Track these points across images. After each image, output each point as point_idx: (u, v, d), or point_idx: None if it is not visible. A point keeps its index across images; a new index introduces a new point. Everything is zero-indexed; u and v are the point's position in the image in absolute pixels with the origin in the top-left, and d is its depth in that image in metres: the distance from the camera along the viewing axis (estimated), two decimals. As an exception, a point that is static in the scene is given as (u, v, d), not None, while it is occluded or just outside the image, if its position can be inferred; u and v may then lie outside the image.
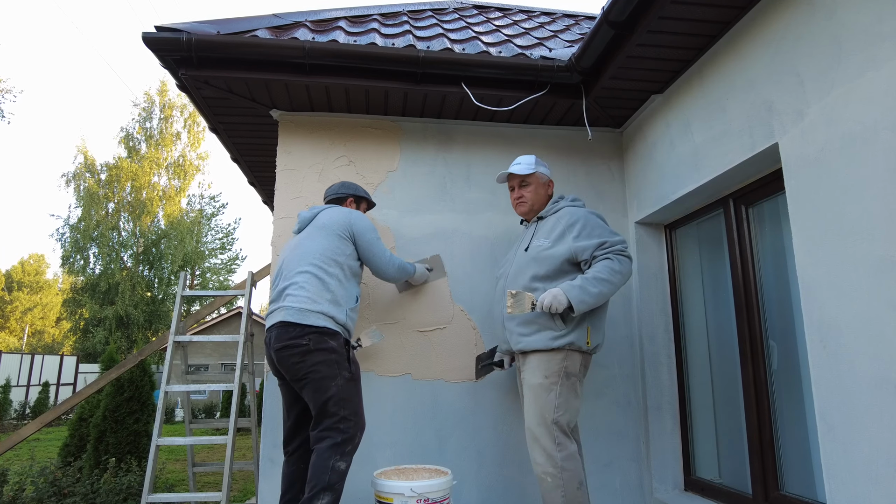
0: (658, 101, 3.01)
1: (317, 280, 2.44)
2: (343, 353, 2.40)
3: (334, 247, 2.52)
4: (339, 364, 2.36)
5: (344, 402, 2.33)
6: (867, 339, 1.70)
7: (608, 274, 2.32)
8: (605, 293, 2.33)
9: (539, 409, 2.33)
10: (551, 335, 2.37)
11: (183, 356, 3.70)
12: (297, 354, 2.34)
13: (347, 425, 2.32)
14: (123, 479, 4.23)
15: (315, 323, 2.35)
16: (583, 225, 2.47)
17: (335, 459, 2.24)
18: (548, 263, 2.46)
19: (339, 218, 2.61)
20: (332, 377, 2.33)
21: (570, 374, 2.36)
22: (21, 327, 37.72)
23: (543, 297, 2.32)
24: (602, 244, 2.40)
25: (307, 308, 2.37)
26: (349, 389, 2.37)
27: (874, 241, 1.68)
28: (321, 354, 2.33)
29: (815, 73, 1.94)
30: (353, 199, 2.88)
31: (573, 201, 2.68)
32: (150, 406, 5.56)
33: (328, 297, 2.42)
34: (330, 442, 2.27)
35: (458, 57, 2.90)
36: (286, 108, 3.24)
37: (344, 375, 2.36)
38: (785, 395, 2.39)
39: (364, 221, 2.65)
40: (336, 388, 2.32)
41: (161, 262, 22.57)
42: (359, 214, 2.69)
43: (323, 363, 2.33)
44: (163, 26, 2.74)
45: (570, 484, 2.24)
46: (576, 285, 2.31)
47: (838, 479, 1.80)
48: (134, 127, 23.20)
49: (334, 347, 2.37)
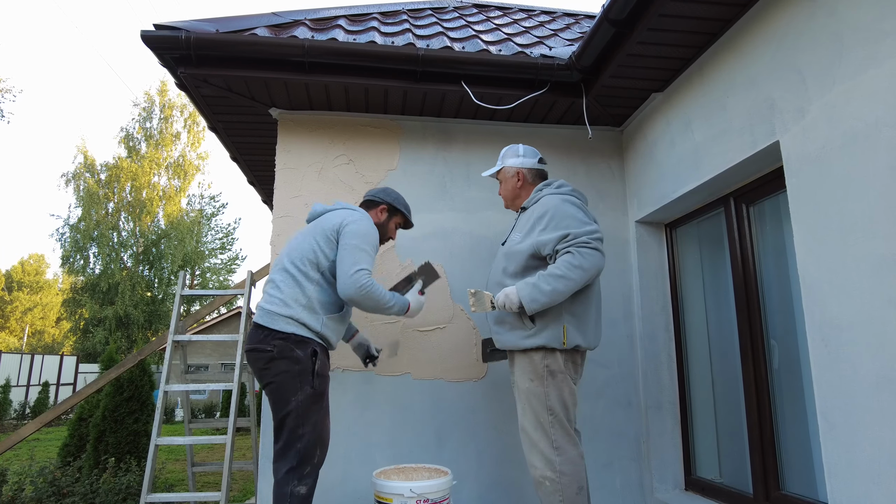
0: (658, 100, 3.00)
1: (293, 282, 2.28)
2: (308, 365, 2.21)
3: (319, 249, 2.32)
4: (303, 377, 2.19)
5: (302, 418, 2.17)
6: (868, 337, 1.69)
7: (565, 269, 2.14)
8: (562, 290, 2.14)
9: (533, 413, 2.25)
10: (521, 334, 2.27)
11: (182, 356, 3.69)
12: (262, 360, 2.22)
13: (304, 444, 2.16)
14: (123, 479, 4.22)
15: (283, 329, 2.20)
16: (551, 216, 2.29)
17: (293, 485, 2.11)
18: (515, 259, 2.35)
19: (337, 219, 2.39)
20: (294, 390, 2.18)
21: (554, 373, 2.24)
22: (21, 327, 37.71)
23: (498, 296, 2.25)
24: (564, 237, 2.20)
25: (277, 312, 2.23)
26: (309, 406, 2.20)
27: (875, 240, 1.67)
28: (285, 364, 2.19)
29: (817, 70, 1.93)
30: (386, 208, 2.61)
31: (558, 188, 2.47)
32: (149, 406, 5.55)
33: (303, 301, 2.26)
34: (286, 466, 2.14)
35: (457, 55, 2.90)
36: (285, 106, 3.24)
37: (306, 390, 2.19)
38: (786, 394, 2.38)
39: (360, 225, 2.35)
40: (295, 403, 2.17)
41: (161, 262, 22.57)
42: (362, 218, 2.40)
43: (286, 374, 2.19)
44: (162, 24, 2.73)
45: (569, 489, 2.16)
46: (530, 283, 2.18)
47: (839, 479, 1.80)
48: (134, 127, 23.20)
49: (300, 357, 2.20)
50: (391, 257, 3.15)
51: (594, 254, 2.18)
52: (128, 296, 21.25)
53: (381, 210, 2.59)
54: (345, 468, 2.86)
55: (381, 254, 3.14)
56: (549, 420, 2.22)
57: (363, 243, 2.30)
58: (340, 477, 2.85)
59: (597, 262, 2.19)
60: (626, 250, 3.32)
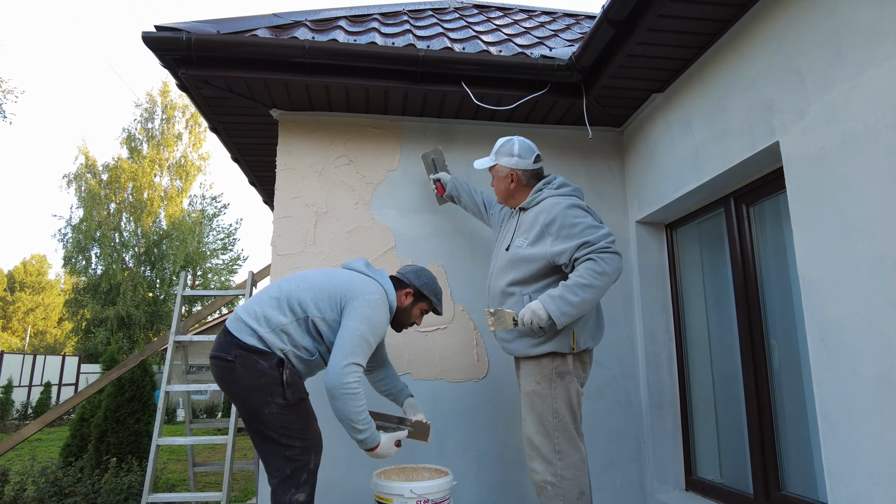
0: (659, 100, 3.00)
1: (276, 306, 2.14)
2: (275, 377, 2.06)
3: (320, 298, 2.17)
4: (271, 390, 2.04)
5: (283, 430, 2.05)
6: (868, 337, 1.70)
7: (591, 278, 2.09)
8: (590, 300, 2.10)
9: (537, 417, 2.23)
10: (530, 342, 2.25)
11: (184, 356, 3.70)
12: (224, 369, 2.08)
13: (293, 453, 2.06)
14: (124, 479, 4.23)
15: (244, 340, 2.06)
16: (560, 224, 2.22)
17: (291, 494, 2.03)
18: (524, 267, 2.28)
19: (356, 287, 2.19)
20: (264, 405, 2.04)
21: (563, 374, 2.22)
22: (23, 328, 37.80)
23: (523, 314, 2.15)
24: (583, 244, 2.14)
25: (245, 321, 2.10)
26: (286, 417, 2.06)
27: (875, 240, 1.68)
28: (249, 378, 2.04)
29: (816, 71, 1.93)
30: (412, 293, 2.40)
31: (559, 188, 2.40)
32: (151, 406, 5.56)
33: (274, 324, 2.11)
34: (279, 477, 2.05)
35: (458, 56, 2.90)
36: (286, 107, 3.24)
37: (277, 402, 2.04)
38: (786, 394, 2.38)
39: (375, 314, 2.15)
40: (271, 417, 2.04)
41: (163, 263, 22.60)
42: (380, 307, 2.19)
43: (252, 389, 2.04)
44: (163, 26, 2.74)
45: (569, 493, 2.14)
46: (555, 296, 2.11)
47: (839, 479, 1.80)
48: (135, 127, 23.24)
49: (264, 370, 2.04)
50: (391, 257, 3.15)
51: (615, 258, 2.14)
52: (129, 296, 21.27)
53: (406, 293, 2.39)
54: (345, 468, 2.87)
55: (380, 254, 3.15)
56: (553, 423, 2.21)
57: (368, 333, 2.12)
58: (341, 477, 2.85)
59: (618, 265, 2.15)
60: (627, 251, 3.32)
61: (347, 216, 3.17)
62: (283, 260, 3.08)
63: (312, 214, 3.16)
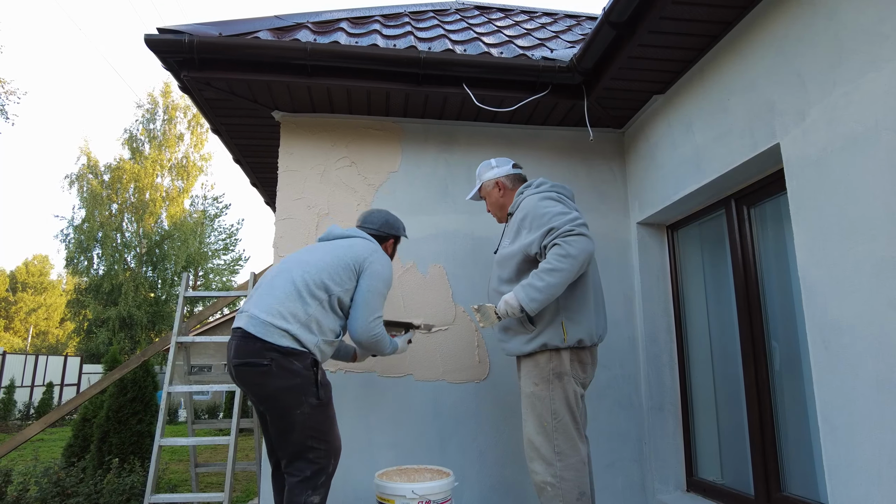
0: (660, 102, 3.01)
1: (297, 297, 2.17)
2: (310, 377, 2.12)
3: (337, 276, 2.25)
4: (305, 390, 2.10)
5: (311, 431, 2.11)
6: (869, 339, 1.70)
7: (555, 262, 2.11)
8: (556, 283, 2.11)
9: (537, 418, 2.25)
10: (524, 339, 2.29)
11: (185, 357, 3.71)
12: (257, 374, 2.09)
13: (317, 455, 2.12)
14: (126, 480, 4.25)
15: (278, 342, 2.08)
16: (532, 216, 2.28)
17: (307, 495, 2.08)
18: (507, 265, 2.35)
19: (362, 252, 2.35)
20: (297, 405, 2.09)
21: (561, 375, 2.23)
22: (25, 328, 37.87)
23: (499, 305, 2.22)
24: (548, 232, 2.17)
25: (272, 323, 2.10)
26: (316, 417, 2.13)
27: (875, 242, 1.68)
28: (283, 379, 2.07)
29: (817, 73, 1.93)
30: (393, 242, 2.65)
31: (538, 187, 2.46)
32: (153, 406, 5.57)
33: (302, 318, 2.15)
34: (299, 477, 2.10)
35: (459, 58, 2.91)
36: (288, 109, 3.25)
37: (310, 402, 2.11)
38: (787, 395, 2.38)
39: (383, 268, 2.36)
40: (302, 418, 2.09)
41: (164, 263, 22.65)
42: (384, 259, 2.40)
43: (286, 390, 2.08)
44: (165, 28, 2.75)
45: (569, 494, 2.14)
46: (525, 283, 2.16)
47: (840, 480, 1.80)
48: (137, 128, 23.30)
49: (299, 370, 2.10)
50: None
51: (580, 239, 2.14)
52: (131, 297, 21.32)
53: (389, 245, 2.63)
54: (347, 469, 2.87)
55: (383, 256, 3.16)
56: (552, 424, 2.21)
57: (384, 288, 2.36)
58: (343, 478, 2.85)
59: (585, 247, 2.14)
60: (628, 252, 3.32)
61: (349, 217, 3.18)
62: (285, 261, 3.09)
63: (314, 216, 3.17)
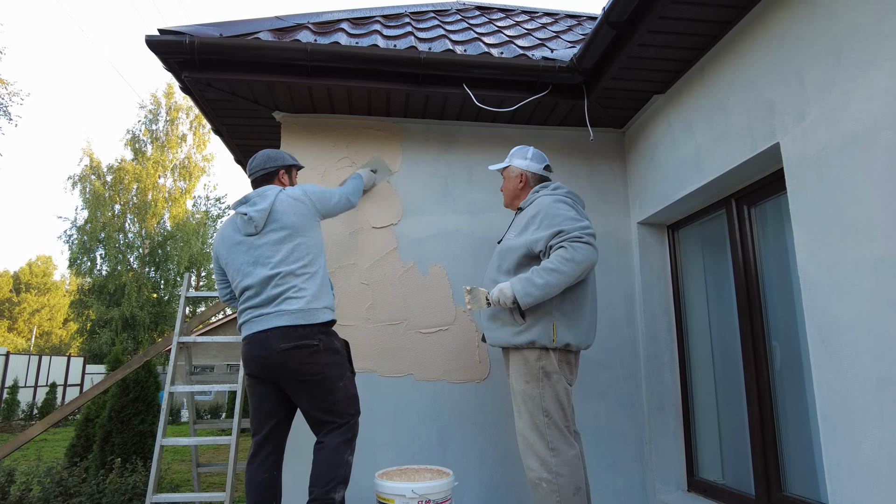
0: (660, 101, 3.01)
1: (311, 279, 2.36)
2: (345, 354, 2.42)
3: (311, 240, 2.42)
4: (344, 364, 2.38)
5: (350, 400, 2.36)
6: (868, 338, 1.70)
7: (558, 263, 2.17)
8: (554, 283, 2.17)
9: (529, 415, 2.27)
10: (512, 331, 2.32)
11: (187, 357, 3.72)
12: (306, 354, 2.27)
13: (354, 420, 2.36)
14: (129, 479, 4.26)
15: (323, 319, 2.32)
16: (543, 215, 2.33)
17: (347, 454, 2.28)
18: (509, 257, 2.39)
19: (301, 207, 2.42)
20: (339, 377, 2.34)
21: (549, 374, 2.26)
22: (29, 328, 38.00)
23: (493, 291, 2.29)
24: (557, 233, 2.23)
25: (312, 307, 2.31)
26: (352, 387, 2.40)
27: (875, 241, 1.68)
28: (329, 355, 2.31)
29: (816, 72, 1.93)
30: (284, 171, 2.61)
31: (554, 190, 2.51)
32: (155, 407, 5.58)
33: (327, 288, 2.42)
34: (341, 438, 2.29)
35: (459, 58, 2.91)
36: (289, 109, 3.26)
37: (348, 375, 2.39)
38: (788, 395, 2.38)
39: (317, 189, 2.54)
40: (343, 390, 2.34)
41: (167, 264, 22.70)
42: (312, 188, 2.54)
43: (331, 365, 2.32)
44: (166, 29, 2.76)
45: (565, 489, 2.17)
46: (523, 277, 2.22)
47: (840, 480, 1.80)
48: (140, 129, 23.35)
49: (338, 348, 2.37)
50: (393, 259, 3.17)
51: (586, 248, 2.20)
52: (134, 297, 21.37)
53: (281, 176, 2.60)
54: (348, 469, 2.88)
55: (382, 256, 3.16)
56: (544, 422, 2.24)
57: (326, 190, 2.60)
58: (343, 477, 2.86)
59: (589, 256, 2.20)
60: (629, 252, 3.32)
61: (350, 218, 3.19)
62: (286, 261, 3.09)
63: (315, 216, 3.17)
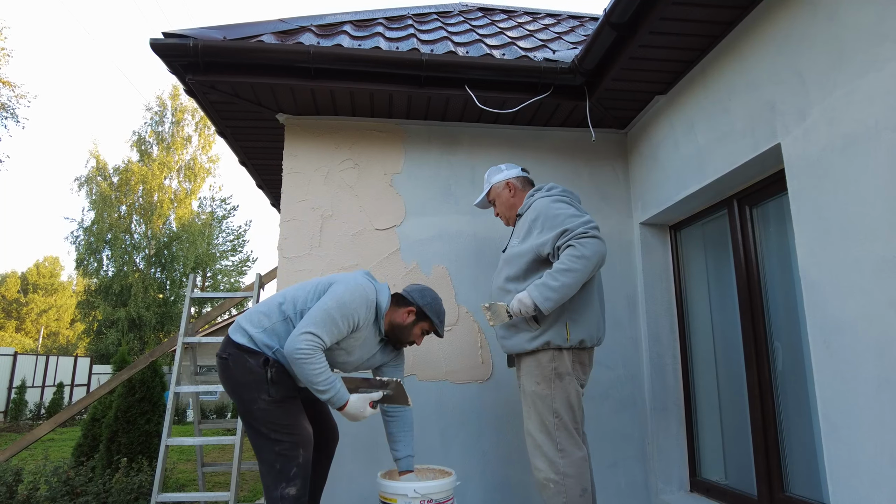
0: (662, 102, 3.01)
1: (270, 309, 2.26)
2: (261, 375, 2.15)
3: (306, 293, 2.28)
4: (258, 387, 2.15)
5: (271, 424, 2.15)
6: (870, 339, 1.70)
7: (570, 262, 2.16)
8: (570, 283, 2.16)
9: (538, 416, 2.27)
10: (527, 336, 2.31)
11: (192, 357, 3.75)
12: (221, 367, 2.24)
13: (283, 448, 2.14)
14: (135, 479, 4.28)
15: (236, 339, 2.21)
16: (544, 218, 2.33)
17: (282, 488, 2.11)
18: (516, 263, 2.37)
19: (337, 278, 2.32)
20: (253, 401, 2.16)
21: (561, 375, 2.26)
22: (36, 329, 38.26)
23: (512, 304, 2.26)
24: (562, 233, 2.22)
25: (240, 324, 2.25)
26: (273, 413, 2.16)
27: (876, 242, 1.68)
28: (240, 375, 2.17)
29: (817, 73, 1.93)
30: (414, 311, 2.38)
31: (549, 191, 2.51)
32: (161, 407, 5.61)
33: (266, 325, 2.22)
34: (270, 471, 2.14)
35: (461, 60, 2.92)
36: (292, 111, 3.28)
37: (263, 399, 2.14)
38: (790, 395, 2.38)
39: (346, 294, 2.19)
40: (259, 412, 2.15)
41: (173, 264, 22.77)
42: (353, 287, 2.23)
43: (243, 386, 2.17)
44: (170, 33, 2.78)
45: (572, 490, 2.17)
46: (539, 283, 2.20)
47: (841, 481, 1.80)
48: (146, 130, 23.44)
49: (252, 367, 2.16)
50: (396, 260, 3.18)
51: (594, 241, 2.19)
52: (140, 298, 21.46)
53: (408, 311, 2.38)
54: (350, 469, 2.89)
55: (385, 257, 3.18)
56: (553, 423, 2.24)
57: (336, 311, 2.13)
58: (345, 477, 2.88)
59: (598, 249, 2.19)
60: (631, 252, 3.33)
61: (352, 219, 3.20)
62: (290, 262, 3.12)
63: (318, 217, 3.19)
